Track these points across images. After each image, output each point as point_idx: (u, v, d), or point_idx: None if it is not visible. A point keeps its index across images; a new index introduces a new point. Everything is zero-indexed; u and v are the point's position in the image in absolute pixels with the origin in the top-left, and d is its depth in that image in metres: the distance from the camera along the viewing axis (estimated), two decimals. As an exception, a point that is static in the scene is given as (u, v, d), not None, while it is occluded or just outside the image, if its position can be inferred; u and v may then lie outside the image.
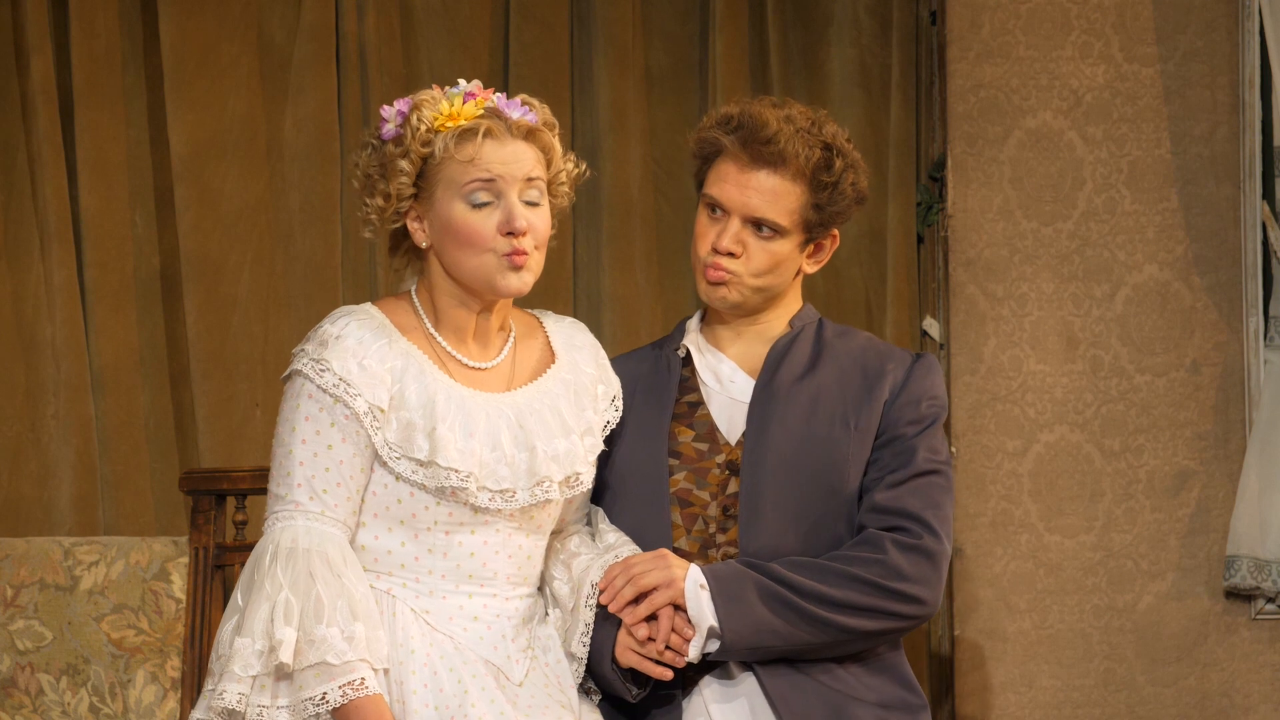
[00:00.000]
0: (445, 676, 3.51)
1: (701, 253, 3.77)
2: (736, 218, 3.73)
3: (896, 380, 3.79)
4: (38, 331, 5.13)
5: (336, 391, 3.51)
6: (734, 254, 3.74)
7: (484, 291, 3.59)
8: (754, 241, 3.74)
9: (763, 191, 3.71)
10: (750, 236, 3.74)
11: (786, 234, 3.74)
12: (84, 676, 4.59)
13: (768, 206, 3.72)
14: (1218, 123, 5.26)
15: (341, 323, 3.59)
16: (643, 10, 5.42)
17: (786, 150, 3.69)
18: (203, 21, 5.20)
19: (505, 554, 3.60)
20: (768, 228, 3.73)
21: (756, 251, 3.74)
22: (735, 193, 3.72)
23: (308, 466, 3.51)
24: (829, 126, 3.75)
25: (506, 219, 3.54)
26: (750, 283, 3.76)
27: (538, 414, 3.62)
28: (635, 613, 3.61)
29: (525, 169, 3.58)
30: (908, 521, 3.69)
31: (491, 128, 3.56)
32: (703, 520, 3.73)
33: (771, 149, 3.69)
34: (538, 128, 3.61)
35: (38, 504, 5.12)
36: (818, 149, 3.71)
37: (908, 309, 5.41)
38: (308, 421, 3.52)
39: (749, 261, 3.75)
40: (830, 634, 3.64)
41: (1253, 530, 5.17)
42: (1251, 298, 5.25)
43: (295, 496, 3.51)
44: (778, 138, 3.68)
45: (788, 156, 3.69)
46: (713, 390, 3.82)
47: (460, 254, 3.57)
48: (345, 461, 3.51)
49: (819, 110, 3.80)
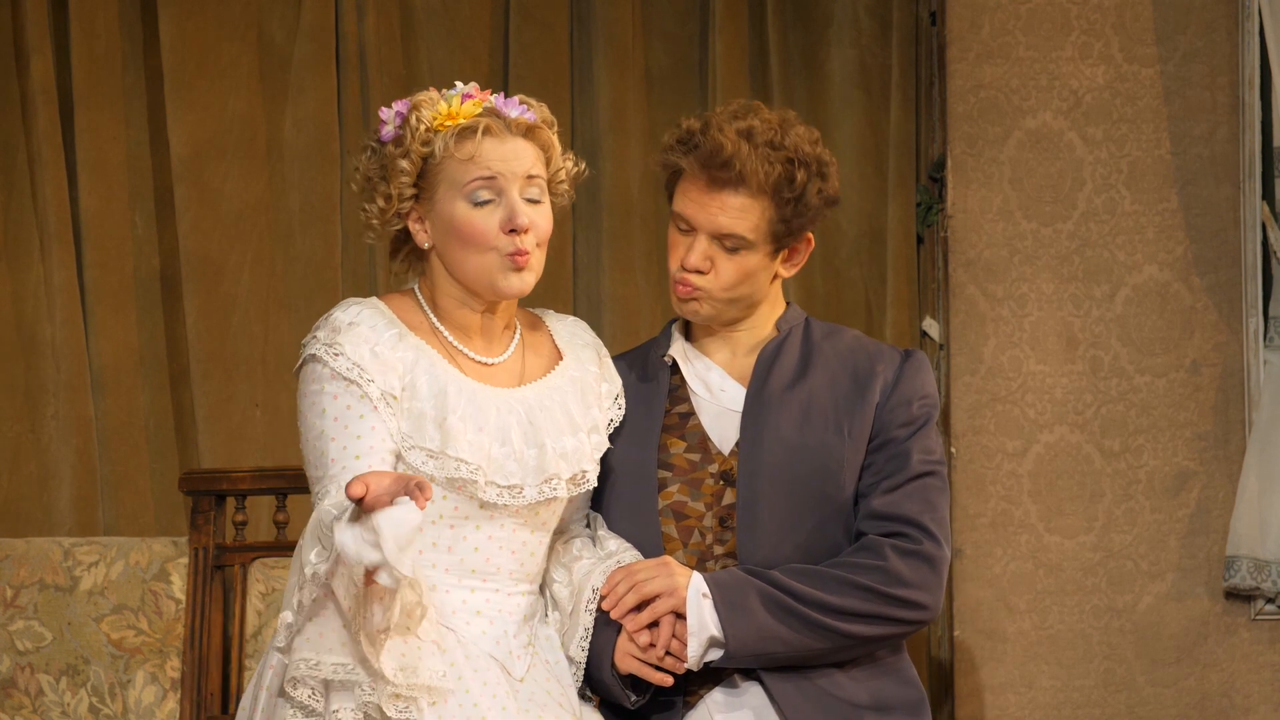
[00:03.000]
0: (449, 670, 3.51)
1: (672, 267, 3.75)
2: (703, 235, 3.70)
3: (887, 381, 3.78)
4: (38, 331, 5.13)
5: (351, 375, 3.50)
6: (702, 270, 3.72)
7: (485, 292, 3.59)
8: (722, 256, 3.71)
9: (726, 210, 3.67)
10: (718, 252, 3.71)
11: (753, 247, 3.71)
12: (84, 677, 4.59)
13: (732, 224, 3.68)
14: (1218, 123, 5.26)
15: (354, 310, 3.58)
16: (643, 10, 5.42)
17: (745, 170, 3.64)
18: (203, 21, 5.21)
19: (509, 550, 3.60)
20: (734, 244, 3.71)
21: (725, 266, 3.71)
22: (698, 212, 3.69)
23: (340, 439, 3.47)
24: (793, 133, 3.69)
25: (509, 216, 3.54)
26: (721, 296, 3.74)
27: (547, 411, 3.62)
28: (637, 620, 3.61)
29: (526, 166, 3.58)
30: (906, 527, 3.69)
31: (491, 125, 3.56)
32: (699, 532, 3.73)
33: (729, 172, 3.64)
34: (537, 125, 3.61)
35: (38, 504, 5.12)
36: (778, 165, 3.66)
37: (907, 309, 5.41)
38: (336, 400, 3.50)
39: (718, 277, 3.72)
40: (833, 640, 3.64)
41: (1253, 531, 5.17)
42: (1251, 298, 5.25)
43: (333, 472, 3.46)
44: (734, 161, 3.63)
45: (746, 176, 3.64)
46: (703, 400, 3.80)
47: (462, 253, 3.57)
48: (377, 428, 3.48)
49: (786, 113, 3.75)
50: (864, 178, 5.41)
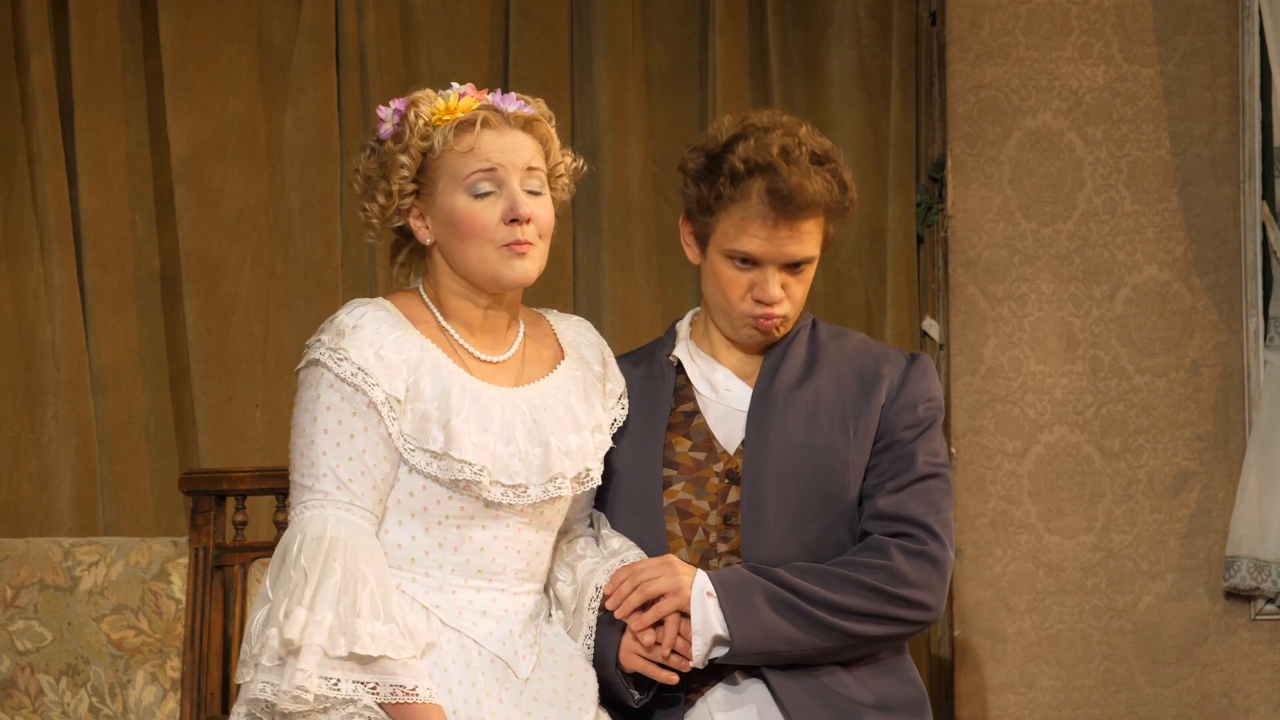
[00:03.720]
0: (455, 672, 3.51)
1: (736, 301, 3.75)
2: (772, 267, 3.73)
3: (893, 383, 3.80)
4: (38, 332, 5.13)
5: (355, 380, 3.50)
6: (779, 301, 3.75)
7: (489, 285, 3.60)
8: (792, 281, 3.75)
9: (798, 238, 3.71)
10: (789, 278, 3.75)
11: (814, 260, 3.77)
12: (84, 677, 4.59)
13: (803, 249, 3.73)
14: (1218, 123, 5.26)
15: (358, 313, 3.58)
16: (643, 10, 5.42)
17: (815, 200, 3.68)
18: (203, 22, 5.20)
19: (515, 549, 3.60)
20: (805, 264, 3.75)
21: (797, 289, 3.76)
22: (770, 248, 3.71)
23: (331, 456, 3.49)
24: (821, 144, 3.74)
25: (510, 206, 3.55)
26: (794, 316, 3.80)
27: (551, 409, 3.62)
28: (641, 619, 3.62)
29: (525, 158, 3.58)
30: (911, 527, 3.69)
31: (489, 118, 3.58)
32: (703, 530, 3.73)
33: (808, 211, 3.69)
34: (535, 118, 3.62)
35: (38, 504, 5.12)
36: (833, 180, 3.72)
37: (907, 309, 5.41)
38: (329, 411, 3.51)
39: (792, 300, 3.76)
40: (836, 639, 3.65)
41: (1253, 531, 5.17)
42: (1251, 298, 5.25)
43: (323, 486, 3.48)
44: (815, 199, 3.68)
45: (816, 201, 3.69)
46: (708, 399, 3.82)
47: (464, 246, 3.57)
48: (368, 450, 3.50)
49: (803, 124, 3.78)
50: (864, 178, 5.41)
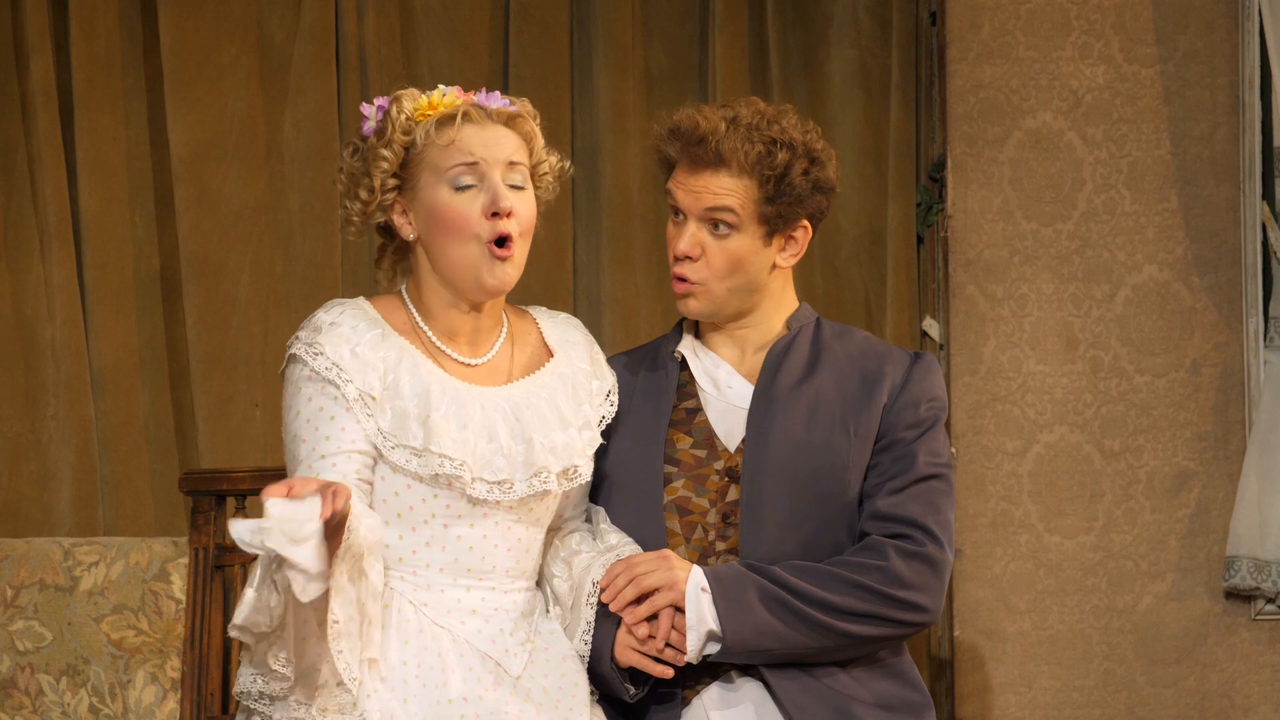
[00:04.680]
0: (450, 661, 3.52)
1: (670, 260, 3.80)
2: (692, 220, 3.75)
3: (895, 383, 3.79)
4: (38, 332, 5.13)
5: (330, 375, 3.52)
6: (692, 257, 3.75)
7: (470, 289, 3.60)
8: (711, 242, 3.75)
9: (710, 188, 3.73)
10: (707, 236, 3.75)
11: (741, 229, 3.74)
12: (84, 677, 4.59)
13: (715, 199, 3.73)
14: (1217, 123, 5.26)
15: (335, 311, 3.61)
16: (643, 11, 5.42)
17: (723, 149, 3.70)
18: (202, 22, 5.21)
19: (504, 547, 3.60)
20: (722, 224, 3.73)
21: (715, 252, 3.75)
22: (684, 195, 3.75)
23: (310, 441, 3.51)
24: (785, 121, 3.76)
25: (491, 200, 3.56)
26: (716, 288, 3.77)
27: (534, 408, 3.63)
28: (636, 613, 3.62)
29: (507, 152, 3.60)
30: (910, 529, 3.69)
31: (471, 112, 3.60)
32: (702, 528, 3.73)
33: (706, 150, 3.71)
34: (518, 114, 3.64)
35: (38, 505, 5.12)
36: (759, 144, 3.71)
37: (907, 309, 5.41)
38: (310, 402, 3.53)
39: (709, 264, 3.75)
40: (831, 639, 3.64)
41: (1253, 531, 5.17)
42: (1251, 298, 5.25)
43: (300, 472, 3.49)
44: (710, 138, 3.70)
45: (725, 154, 3.71)
46: (710, 396, 3.81)
47: (445, 241, 3.58)
48: (347, 428, 3.51)
49: (782, 107, 3.81)
50: (864, 178, 5.42)
